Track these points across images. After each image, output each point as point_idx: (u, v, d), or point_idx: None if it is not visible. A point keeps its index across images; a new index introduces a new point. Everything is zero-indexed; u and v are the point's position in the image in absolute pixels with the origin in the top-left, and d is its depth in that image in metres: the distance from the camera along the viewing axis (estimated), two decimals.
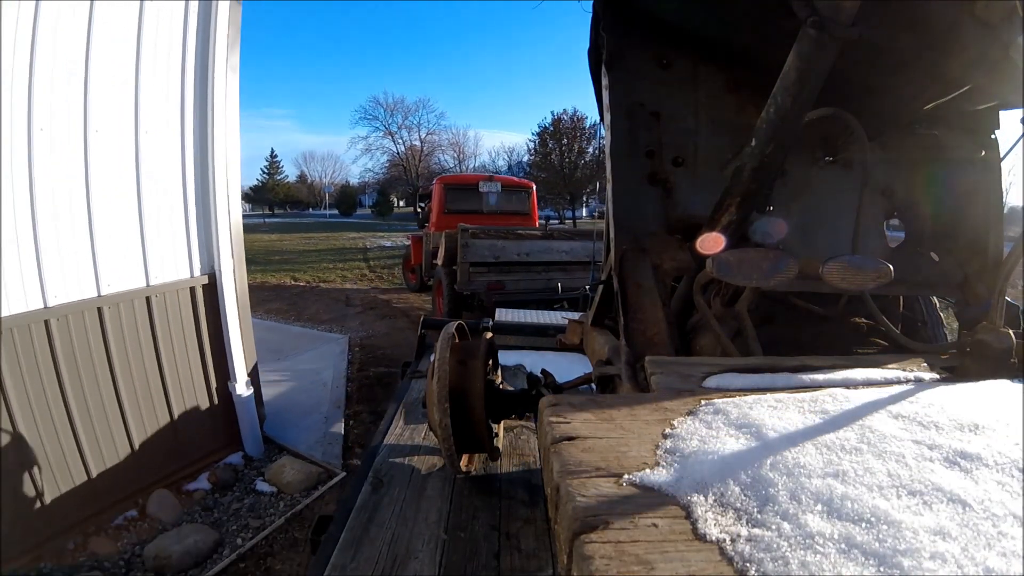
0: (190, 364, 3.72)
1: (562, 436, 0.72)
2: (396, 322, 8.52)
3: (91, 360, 3.13)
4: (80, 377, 3.07)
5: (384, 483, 1.90)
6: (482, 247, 7.17)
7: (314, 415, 4.72)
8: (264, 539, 3.08)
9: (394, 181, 42.82)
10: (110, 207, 3.22)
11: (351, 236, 21.80)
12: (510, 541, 1.64)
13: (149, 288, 3.43)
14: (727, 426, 0.73)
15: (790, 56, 0.94)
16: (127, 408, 3.31)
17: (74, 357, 3.03)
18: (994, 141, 1.44)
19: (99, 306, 3.14)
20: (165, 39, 3.45)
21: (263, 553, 2.99)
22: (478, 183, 10.13)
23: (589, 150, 34.43)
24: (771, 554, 0.49)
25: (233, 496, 3.48)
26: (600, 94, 1.61)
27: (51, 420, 2.92)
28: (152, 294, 3.45)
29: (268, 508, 3.38)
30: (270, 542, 3.08)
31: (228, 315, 3.86)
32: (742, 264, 1.07)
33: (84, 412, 3.08)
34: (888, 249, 1.45)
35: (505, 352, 3.04)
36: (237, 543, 3.03)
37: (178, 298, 3.62)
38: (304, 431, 4.41)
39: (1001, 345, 0.98)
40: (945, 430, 0.72)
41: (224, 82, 3.76)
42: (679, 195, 1.43)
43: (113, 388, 3.25)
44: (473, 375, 1.70)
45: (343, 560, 1.50)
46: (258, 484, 3.62)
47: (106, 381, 3.22)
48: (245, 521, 3.23)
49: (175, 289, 3.59)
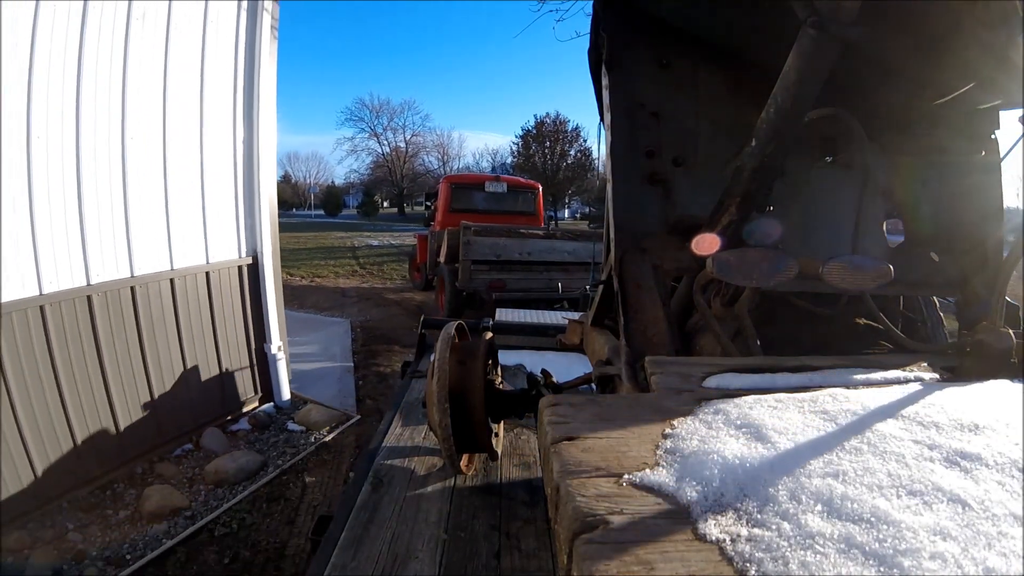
0: (236, 328, 4.51)
1: (562, 436, 0.72)
2: (390, 310, 9.36)
3: (163, 321, 3.88)
4: (154, 335, 3.82)
5: (384, 483, 1.90)
6: (484, 245, 7.17)
7: (328, 377, 5.70)
8: (299, 460, 3.95)
9: (379, 182, 43.03)
10: (182, 200, 3.99)
11: (339, 235, 22.19)
12: (510, 541, 1.64)
13: (208, 265, 4.21)
14: (727, 426, 0.73)
15: (790, 56, 0.94)
16: (188, 362, 4.07)
17: (151, 318, 3.78)
18: (994, 141, 1.44)
19: (171, 277, 3.91)
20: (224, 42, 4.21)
21: (299, 469, 3.86)
22: (484, 183, 10.14)
23: (571, 152, 35.41)
24: (771, 554, 0.49)
25: (270, 433, 4.37)
26: (600, 94, 1.61)
27: (131, 371, 3.66)
28: (211, 270, 4.23)
29: (299, 440, 4.27)
30: (304, 462, 3.95)
31: (266, 289, 4.69)
32: (742, 264, 1.07)
33: (156, 366, 3.83)
34: (888, 249, 1.45)
35: (505, 352, 3.04)
36: (278, 463, 3.90)
37: (229, 274, 4.42)
38: (322, 388, 5.33)
39: (1001, 345, 0.98)
40: (945, 430, 0.72)
41: (268, 84, 4.58)
42: (679, 195, 1.43)
43: (179, 346, 4.01)
44: (473, 375, 1.70)
45: (343, 559, 1.50)
46: (289, 425, 4.50)
47: (174, 339, 3.98)
48: (282, 450, 4.12)
49: (227, 267, 4.39)
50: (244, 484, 3.61)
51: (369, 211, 38.54)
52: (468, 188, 10.16)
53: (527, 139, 35.97)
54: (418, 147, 43.18)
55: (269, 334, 4.72)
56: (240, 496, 3.44)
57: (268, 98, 4.59)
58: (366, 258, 16.29)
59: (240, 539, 3.09)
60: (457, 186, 10.14)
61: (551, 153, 35.40)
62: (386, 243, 20.29)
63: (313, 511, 3.37)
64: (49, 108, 3.06)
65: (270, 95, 4.61)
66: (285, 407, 4.79)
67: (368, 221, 34.21)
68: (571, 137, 35.53)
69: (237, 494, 3.48)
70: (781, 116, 1.01)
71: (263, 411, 4.63)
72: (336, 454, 4.11)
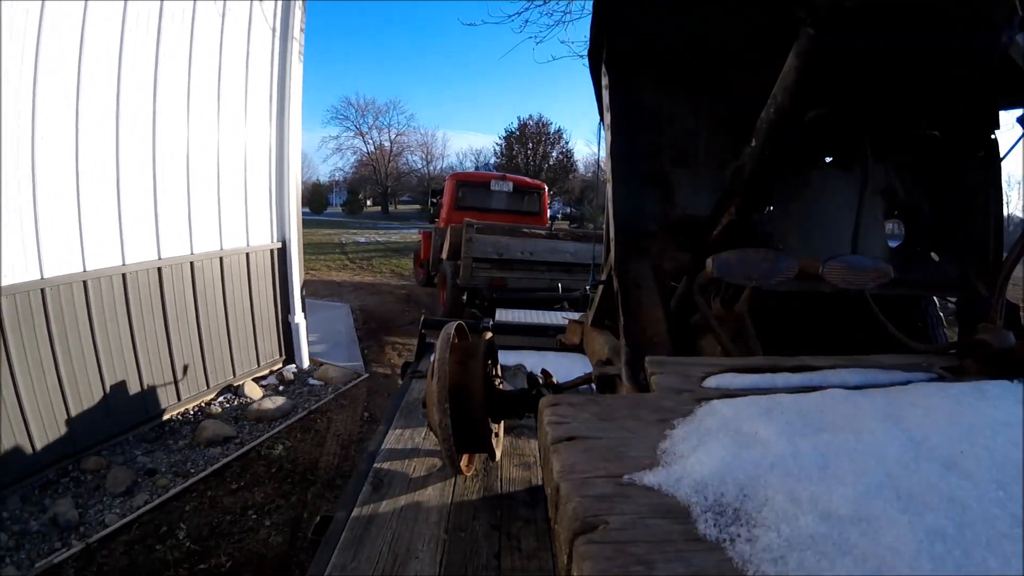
0: (267, 301, 5.45)
1: (562, 436, 0.72)
2: (384, 297, 10.35)
3: (215, 293, 4.77)
4: (206, 303, 4.66)
5: (384, 483, 1.90)
6: (486, 243, 7.15)
7: (338, 347, 6.78)
8: (323, 404, 4.95)
9: (363, 180, 43.07)
10: (230, 195, 4.87)
11: (325, 232, 22.61)
12: (511, 541, 1.64)
13: (248, 248, 5.15)
14: (727, 426, 0.73)
15: (790, 56, 0.94)
16: (231, 326, 4.98)
17: (205, 290, 4.65)
18: (994, 141, 1.44)
19: (220, 256, 4.80)
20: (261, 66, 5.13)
21: (324, 410, 4.87)
22: (490, 181, 10.12)
23: (553, 154, 36.21)
24: (770, 554, 0.49)
25: (295, 387, 5.38)
26: (600, 94, 1.61)
27: (187, 331, 4.49)
28: (250, 252, 5.16)
29: (321, 391, 5.30)
30: (327, 406, 4.94)
31: (292, 269, 5.67)
32: (742, 264, 1.07)
33: (206, 327, 4.69)
34: (888, 249, 1.45)
35: (505, 352, 3.04)
36: (306, 406, 4.90)
37: (264, 256, 5.37)
38: (334, 355, 6.37)
39: (1001, 345, 0.98)
40: (945, 430, 0.72)
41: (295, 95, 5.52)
42: (679, 195, 1.43)
43: (224, 313, 4.90)
44: (473, 376, 1.70)
45: (343, 560, 1.50)
46: (310, 380, 5.54)
47: (220, 308, 4.84)
48: (307, 398, 5.12)
49: (263, 250, 5.35)
50: (280, 420, 4.52)
51: (354, 209, 38.67)
52: (474, 186, 10.14)
53: (510, 140, 36.65)
54: (403, 146, 43.40)
55: (293, 307, 5.73)
56: (278, 428, 4.36)
57: (295, 106, 5.53)
58: (355, 254, 16.81)
59: (282, 457, 3.96)
60: (463, 183, 10.12)
61: (533, 154, 36.15)
62: (372, 240, 21.05)
63: (338, 439, 4.31)
64: (135, 115, 3.90)
65: (297, 103, 5.56)
66: (305, 369, 5.80)
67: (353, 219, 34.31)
68: (553, 139, 36.42)
69: (275, 427, 4.37)
70: (781, 116, 1.01)
71: (288, 370, 5.63)
72: (352, 400, 5.13)
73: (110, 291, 3.76)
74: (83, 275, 3.48)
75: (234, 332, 4.99)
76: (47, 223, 3.28)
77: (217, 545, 2.98)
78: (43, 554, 2.82)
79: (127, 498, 3.35)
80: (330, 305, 9.07)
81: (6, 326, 3.04)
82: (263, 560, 2.90)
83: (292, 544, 3.04)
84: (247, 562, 2.88)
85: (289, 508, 3.35)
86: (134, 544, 2.95)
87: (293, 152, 5.55)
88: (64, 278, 3.36)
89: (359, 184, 43.28)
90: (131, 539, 2.99)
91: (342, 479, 3.64)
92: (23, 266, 3.16)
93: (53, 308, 3.30)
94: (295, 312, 5.73)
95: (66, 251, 3.40)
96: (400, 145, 43.02)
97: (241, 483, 3.59)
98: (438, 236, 8.98)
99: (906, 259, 1.43)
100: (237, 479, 3.63)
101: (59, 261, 3.35)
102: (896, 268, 1.04)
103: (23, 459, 3.24)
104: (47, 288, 3.24)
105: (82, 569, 2.74)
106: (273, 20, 5.08)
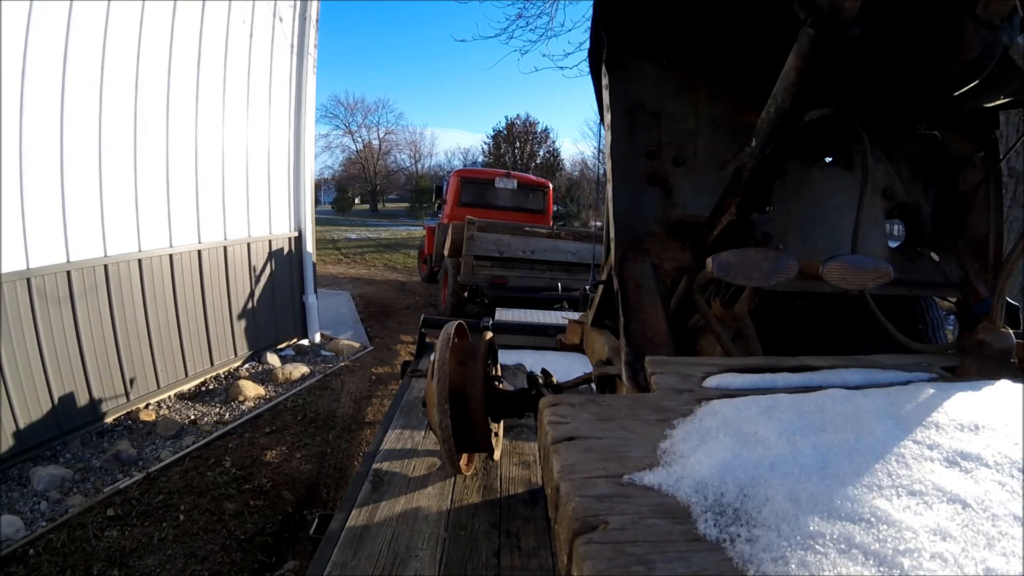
0: (285, 283, 6.14)
1: (562, 436, 0.72)
2: (380, 287, 11.17)
3: (246, 274, 5.49)
4: (237, 283, 5.37)
5: (384, 482, 1.90)
6: (488, 241, 7.15)
7: (343, 326, 7.54)
8: (336, 370, 5.74)
9: (352, 178, 43.14)
10: (256, 188, 5.58)
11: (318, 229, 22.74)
12: (510, 540, 1.64)
13: (271, 235, 5.87)
14: (727, 426, 0.73)
15: (790, 56, 0.93)
16: (257, 307, 5.68)
17: (235, 272, 5.34)
18: (994, 141, 1.44)
19: (248, 242, 5.49)
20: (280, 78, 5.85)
21: (337, 374, 5.66)
22: (495, 179, 10.07)
23: (540, 153, 36.56)
24: (771, 554, 0.49)
25: (310, 358, 6.12)
26: (600, 94, 1.61)
27: (221, 308, 5.19)
28: (272, 239, 5.88)
29: (333, 360, 6.10)
30: (339, 371, 5.74)
31: (306, 255, 6.44)
32: (742, 264, 1.07)
33: (237, 305, 5.39)
34: (888, 249, 1.45)
35: (505, 352, 3.04)
36: (322, 371, 5.67)
37: (283, 243, 6.08)
38: (341, 332, 7.13)
39: (1001, 345, 0.98)
40: (945, 430, 0.72)
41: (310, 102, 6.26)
42: (679, 195, 1.43)
43: (250, 293, 5.58)
44: (473, 376, 1.70)
45: (344, 558, 1.50)
46: (323, 352, 6.34)
47: (247, 287, 5.54)
48: (322, 365, 5.89)
49: (283, 237, 6.08)
50: (300, 381, 5.31)
51: (344, 206, 38.73)
52: (478, 183, 10.07)
53: (498, 139, 36.90)
54: (391, 144, 43.43)
55: (307, 288, 6.47)
56: (301, 387, 5.17)
57: (310, 112, 6.26)
58: (348, 249, 17.38)
59: (305, 408, 4.70)
60: (467, 180, 10.05)
61: (521, 153, 36.41)
62: (363, 236, 21.71)
63: (351, 395, 5.09)
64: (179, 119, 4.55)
65: (311, 110, 6.31)
66: (317, 341, 6.59)
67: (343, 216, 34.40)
68: (540, 138, 36.74)
69: (298, 387, 5.16)
70: (781, 116, 1.00)
71: (303, 343, 6.41)
72: (361, 366, 5.96)
73: (160, 271, 4.50)
74: (138, 255, 4.29)
75: (259, 309, 5.72)
76: (111, 209, 4.02)
77: (259, 471, 3.62)
78: (108, 483, 3.33)
79: (177, 440, 3.99)
80: (332, 292, 9.75)
81: (75, 295, 3.77)
82: (296, 481, 3.54)
83: (319, 472, 3.69)
84: (283, 483, 3.50)
85: (315, 445, 4.06)
86: (188, 472, 3.53)
87: (308, 152, 6.29)
88: (122, 256, 4.15)
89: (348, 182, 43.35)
90: (185, 468, 3.57)
91: (356, 426, 4.47)
92: (93, 247, 3.93)
93: (113, 285, 4.09)
94: (309, 293, 6.49)
95: (125, 235, 4.19)
96: (389, 143, 43.18)
97: (273, 427, 4.31)
98: (441, 232, 8.95)
99: (906, 259, 1.43)
100: (270, 424, 4.36)
101: (120, 243, 4.14)
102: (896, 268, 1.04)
103: (83, 409, 3.85)
104: (109, 265, 4.05)
105: (145, 492, 3.25)
106: (292, 38, 5.94)
